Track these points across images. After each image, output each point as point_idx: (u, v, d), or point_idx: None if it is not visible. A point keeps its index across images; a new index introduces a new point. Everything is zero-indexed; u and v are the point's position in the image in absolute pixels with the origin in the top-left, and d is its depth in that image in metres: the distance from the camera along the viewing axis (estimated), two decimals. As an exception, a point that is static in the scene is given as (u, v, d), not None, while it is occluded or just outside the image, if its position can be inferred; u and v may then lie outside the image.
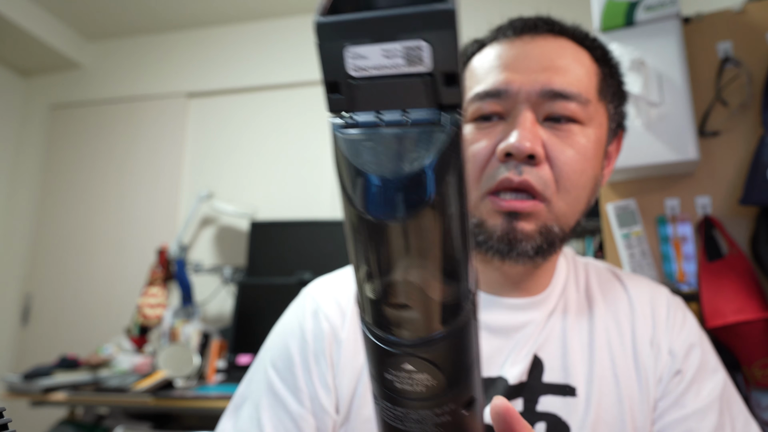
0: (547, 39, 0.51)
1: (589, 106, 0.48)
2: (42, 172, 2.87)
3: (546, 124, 0.48)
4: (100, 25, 2.86)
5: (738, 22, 0.96)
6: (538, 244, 0.47)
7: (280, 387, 0.50)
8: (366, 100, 0.17)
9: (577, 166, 0.47)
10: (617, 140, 0.57)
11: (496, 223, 0.47)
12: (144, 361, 1.93)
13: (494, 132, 0.48)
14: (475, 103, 0.49)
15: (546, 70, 0.48)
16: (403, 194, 0.16)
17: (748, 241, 0.91)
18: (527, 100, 0.47)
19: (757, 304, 0.83)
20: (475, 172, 0.48)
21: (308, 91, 2.69)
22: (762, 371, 0.84)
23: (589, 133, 0.48)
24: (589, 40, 0.53)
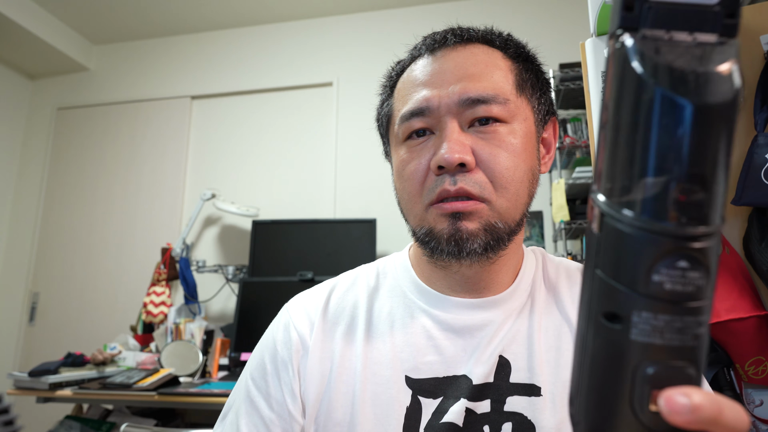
0: (458, 50, 0.53)
1: (509, 104, 0.51)
2: (48, 173, 2.90)
3: (472, 130, 0.50)
4: (106, 30, 2.89)
5: (731, 25, 0.97)
6: (484, 242, 0.49)
7: (255, 394, 0.54)
8: (656, 21, 0.20)
9: (508, 164, 0.49)
10: (551, 127, 0.59)
11: (443, 226, 0.50)
12: (148, 359, 1.95)
13: (426, 148, 0.51)
14: (404, 123, 0.53)
15: (461, 80, 0.50)
16: (719, 86, 0.19)
17: (740, 240, 0.92)
18: (449, 112, 0.50)
19: (750, 302, 0.85)
20: (416, 187, 0.51)
21: (310, 92, 2.72)
22: (754, 368, 0.86)
23: (515, 129, 0.51)
24: (500, 40, 0.55)
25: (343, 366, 0.52)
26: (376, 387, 0.51)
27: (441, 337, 0.52)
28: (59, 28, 2.79)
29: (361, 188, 2.53)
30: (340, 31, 2.74)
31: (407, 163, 0.52)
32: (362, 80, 2.65)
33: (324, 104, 2.68)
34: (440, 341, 0.52)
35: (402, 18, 2.69)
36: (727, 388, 0.87)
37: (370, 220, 2.29)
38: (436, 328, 0.53)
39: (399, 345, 0.53)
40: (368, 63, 2.67)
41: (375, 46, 2.68)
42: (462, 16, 2.53)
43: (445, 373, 0.51)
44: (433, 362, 0.51)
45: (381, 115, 0.60)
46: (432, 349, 0.52)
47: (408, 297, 0.56)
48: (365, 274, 0.61)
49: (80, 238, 2.75)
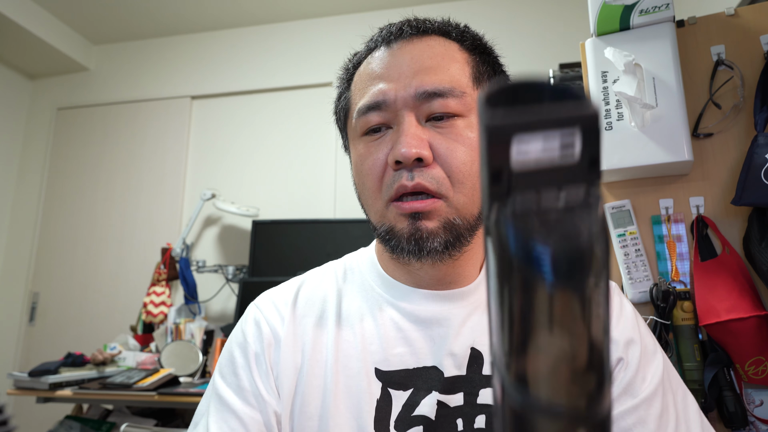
0: (413, 42, 0.52)
1: (465, 97, 0.50)
2: (48, 173, 2.90)
3: (429, 125, 0.50)
4: (105, 30, 2.89)
5: (731, 25, 0.97)
6: (444, 240, 0.49)
7: (225, 390, 0.52)
8: (525, 185, 0.20)
9: (465, 158, 0.49)
10: None
11: (403, 226, 0.49)
12: (148, 359, 1.95)
13: (384, 143, 0.51)
14: (361, 117, 0.52)
15: (417, 73, 0.50)
16: (575, 262, 0.19)
17: (740, 240, 0.93)
18: (405, 106, 0.49)
19: (750, 302, 0.85)
20: (375, 183, 0.51)
21: (309, 93, 2.72)
22: (754, 368, 0.86)
23: (472, 122, 0.50)
24: (457, 32, 0.54)
25: (315, 359, 0.52)
26: (346, 380, 0.51)
27: (410, 328, 0.52)
28: (59, 28, 2.79)
29: (361, 188, 2.53)
30: (340, 31, 2.74)
31: (365, 158, 0.52)
32: (362, 80, 2.65)
33: (324, 104, 2.68)
34: (409, 333, 0.52)
35: (401, 18, 2.69)
36: (727, 388, 0.87)
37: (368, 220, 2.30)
38: (404, 320, 0.53)
39: (368, 337, 0.53)
40: (368, 63, 2.66)
41: (375, 46, 2.68)
42: (462, 16, 2.52)
43: (415, 364, 0.51)
44: (402, 354, 0.51)
45: (338, 109, 0.59)
46: (401, 340, 0.52)
47: (375, 291, 0.56)
48: (333, 270, 0.60)
49: (80, 238, 2.75)
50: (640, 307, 0.96)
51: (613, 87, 0.95)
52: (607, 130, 0.95)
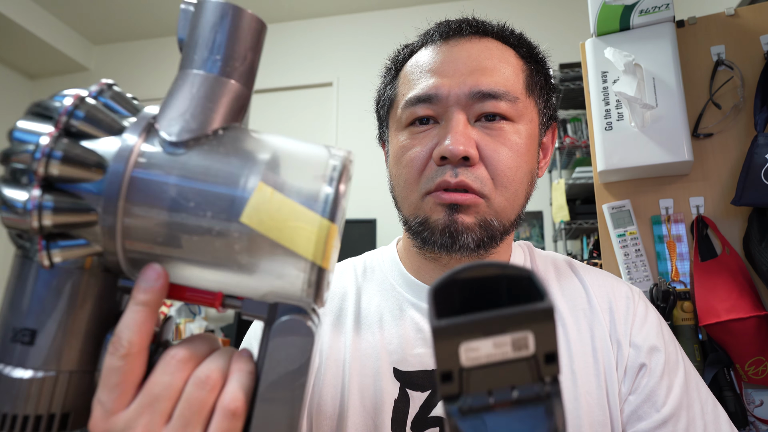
0: (472, 41, 0.52)
1: (518, 103, 0.50)
2: (48, 172, 2.90)
3: (478, 125, 0.49)
4: (106, 30, 2.89)
5: (731, 25, 0.97)
6: (478, 237, 0.48)
7: None
8: (477, 384, 0.20)
9: (511, 163, 0.49)
10: (551, 132, 0.58)
11: (439, 216, 0.48)
12: (148, 359, 1.95)
13: (429, 136, 0.50)
14: (408, 108, 0.51)
15: (473, 72, 0.49)
16: None
17: (740, 240, 0.93)
18: (457, 103, 0.49)
19: (750, 302, 0.85)
20: (414, 175, 0.50)
21: (309, 93, 2.72)
22: (754, 368, 0.86)
23: (520, 129, 0.50)
24: (514, 38, 0.54)
25: (332, 358, 0.52)
26: (364, 379, 0.50)
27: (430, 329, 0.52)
28: (59, 28, 2.79)
29: (361, 188, 2.53)
30: (340, 31, 2.74)
31: (407, 150, 0.51)
32: (362, 80, 2.65)
33: (324, 104, 2.68)
34: (429, 334, 0.51)
35: (402, 18, 2.69)
36: (727, 388, 0.87)
37: (370, 220, 2.29)
38: (426, 321, 0.52)
39: (387, 337, 0.52)
40: (368, 63, 2.66)
41: (375, 46, 2.68)
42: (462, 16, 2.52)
43: (434, 365, 0.50)
44: (422, 354, 0.51)
45: (383, 98, 0.58)
46: (421, 341, 0.51)
47: (396, 290, 0.55)
48: (352, 267, 0.60)
49: (80, 238, 2.75)
50: (640, 307, 0.96)
51: (613, 87, 0.95)
52: (607, 130, 0.95)
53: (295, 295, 0.26)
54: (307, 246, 0.24)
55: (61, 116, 0.24)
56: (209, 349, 0.28)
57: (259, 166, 0.25)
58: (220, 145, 0.26)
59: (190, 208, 0.24)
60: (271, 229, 0.24)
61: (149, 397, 0.25)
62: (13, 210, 0.23)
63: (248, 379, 0.26)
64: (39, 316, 0.24)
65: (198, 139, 0.25)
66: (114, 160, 0.24)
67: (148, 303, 0.25)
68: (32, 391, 0.24)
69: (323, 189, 0.25)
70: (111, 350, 0.25)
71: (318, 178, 0.25)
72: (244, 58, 0.27)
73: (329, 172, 0.25)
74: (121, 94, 0.27)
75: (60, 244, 0.24)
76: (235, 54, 0.27)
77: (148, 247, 0.25)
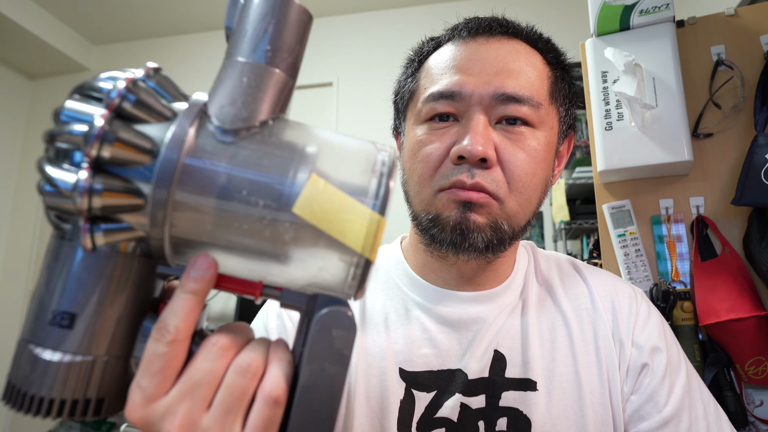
0: (501, 41, 0.51)
1: (540, 109, 0.50)
2: (48, 172, 2.90)
3: (498, 127, 0.49)
4: (106, 30, 2.89)
5: (731, 25, 0.97)
6: (488, 238, 0.48)
7: None
8: None
9: (528, 168, 0.48)
10: (568, 141, 0.58)
11: (451, 213, 0.48)
12: (148, 359, 1.95)
13: (448, 133, 0.49)
14: (429, 103, 0.50)
15: (499, 73, 0.49)
16: None
17: (740, 240, 0.93)
18: (480, 103, 0.48)
19: (750, 302, 0.85)
20: (429, 171, 0.49)
21: (310, 92, 2.72)
22: (754, 368, 0.86)
23: (540, 136, 0.50)
24: (542, 42, 0.54)
25: None
26: (370, 379, 0.50)
27: (436, 330, 0.52)
28: (59, 28, 2.79)
29: (361, 188, 2.53)
30: (340, 31, 2.74)
31: (424, 145, 0.50)
32: (362, 80, 2.65)
33: (324, 104, 2.68)
34: (435, 334, 0.51)
35: (402, 18, 2.69)
36: (727, 388, 0.87)
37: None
38: (431, 321, 0.52)
39: (393, 337, 0.52)
40: (368, 63, 2.66)
41: (375, 46, 2.68)
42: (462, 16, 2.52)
43: (439, 366, 0.50)
44: (427, 355, 0.51)
45: (403, 89, 0.57)
46: (427, 341, 0.51)
47: (402, 290, 0.55)
48: None
49: (80, 238, 2.75)
50: (640, 307, 0.97)
51: (613, 87, 0.95)
52: (607, 130, 0.95)
53: (338, 287, 0.26)
54: (357, 239, 0.24)
55: (114, 99, 0.24)
56: (247, 337, 0.28)
57: (311, 158, 0.25)
58: (271, 135, 0.26)
59: (242, 196, 0.24)
60: (323, 221, 0.24)
61: (190, 384, 0.25)
62: (59, 191, 0.23)
63: (288, 368, 0.26)
64: (79, 299, 0.24)
65: (249, 129, 0.26)
66: (167, 147, 0.24)
67: (197, 292, 0.26)
68: (69, 376, 0.24)
69: (373, 183, 0.25)
70: (156, 336, 0.25)
71: (367, 172, 0.25)
72: (291, 49, 0.27)
73: (378, 167, 0.26)
74: (167, 79, 0.27)
75: (102, 227, 0.24)
76: (284, 44, 0.27)
77: (195, 234, 0.25)
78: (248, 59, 0.26)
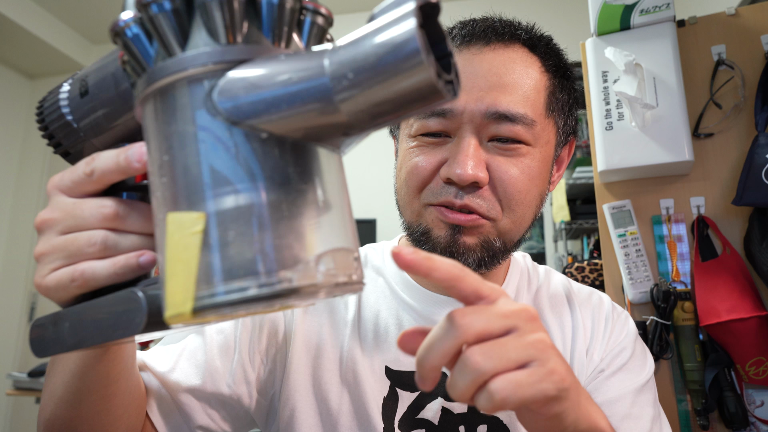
0: (496, 50, 0.49)
1: (535, 126, 0.48)
2: (48, 173, 2.90)
3: (491, 145, 0.48)
4: (105, 30, 2.88)
5: (731, 25, 0.97)
6: (479, 257, 0.48)
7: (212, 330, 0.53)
8: None
9: (521, 186, 0.48)
10: (569, 146, 0.57)
11: (441, 233, 0.48)
12: (148, 359, 1.95)
13: (438, 150, 0.48)
14: (420, 120, 0.49)
15: (492, 89, 0.47)
16: None
17: (741, 240, 0.92)
18: (471, 121, 0.47)
19: (750, 302, 0.85)
20: (417, 185, 0.49)
21: (311, 92, 2.72)
22: (755, 369, 0.86)
23: (534, 153, 0.49)
24: (542, 46, 0.52)
25: (329, 348, 0.52)
26: (357, 375, 0.51)
27: None
28: (59, 28, 2.79)
29: (361, 188, 2.53)
30: (340, 31, 2.74)
31: (413, 157, 0.49)
32: (362, 80, 2.65)
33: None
34: None
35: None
36: (727, 388, 0.87)
37: (370, 220, 2.29)
38: (423, 324, 0.52)
39: (382, 335, 0.52)
40: (368, 63, 2.66)
41: (375, 46, 2.68)
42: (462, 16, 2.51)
43: None
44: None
45: None
46: None
47: (395, 290, 0.55)
48: None
49: (80, 238, 2.75)
50: (640, 307, 0.96)
51: (613, 87, 0.95)
52: (608, 130, 0.95)
53: None
54: (171, 303, 0.25)
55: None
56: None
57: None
58: None
59: (162, 161, 0.25)
60: (172, 256, 0.24)
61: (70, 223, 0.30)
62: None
63: None
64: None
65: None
66: (175, 62, 0.24)
67: (120, 166, 0.28)
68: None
69: (252, 291, 0.23)
70: (88, 160, 0.29)
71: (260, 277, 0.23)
72: None
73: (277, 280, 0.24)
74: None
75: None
76: None
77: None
78: None
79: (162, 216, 0.23)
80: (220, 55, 0.22)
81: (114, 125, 0.31)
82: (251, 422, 0.54)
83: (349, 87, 0.20)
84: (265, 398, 0.52)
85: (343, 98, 0.21)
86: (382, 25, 0.20)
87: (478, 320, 0.28)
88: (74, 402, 0.38)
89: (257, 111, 0.22)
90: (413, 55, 0.19)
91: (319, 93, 0.21)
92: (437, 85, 0.20)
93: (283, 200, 0.22)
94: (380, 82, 0.20)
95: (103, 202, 0.29)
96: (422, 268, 0.28)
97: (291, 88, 0.21)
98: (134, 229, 0.29)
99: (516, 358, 0.27)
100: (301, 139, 0.23)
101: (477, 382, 0.27)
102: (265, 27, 0.24)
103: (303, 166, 0.23)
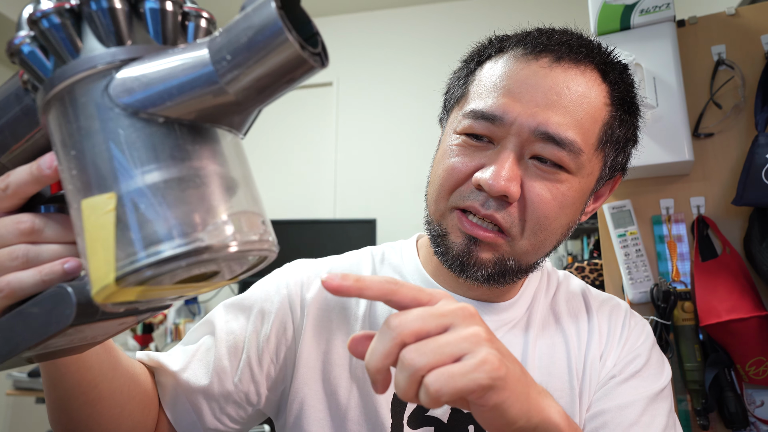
0: (565, 69, 0.47)
1: (581, 156, 0.46)
2: (47, 172, 2.90)
3: (531, 163, 0.46)
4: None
5: (731, 25, 0.97)
6: (489, 273, 0.47)
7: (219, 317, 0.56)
8: None
9: (550, 212, 0.46)
10: (612, 182, 0.55)
11: (456, 241, 0.47)
12: (148, 359, 1.95)
13: (478, 154, 0.47)
14: (468, 119, 0.48)
15: (548, 108, 0.45)
16: None
17: (741, 240, 0.92)
18: (518, 134, 0.45)
19: (750, 302, 0.85)
20: (449, 185, 0.48)
21: (309, 92, 2.72)
22: (755, 369, 0.86)
23: (573, 182, 0.47)
24: (615, 74, 0.49)
25: (340, 345, 0.52)
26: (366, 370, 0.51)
27: None
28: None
29: (361, 188, 2.53)
30: (340, 31, 2.74)
31: (452, 156, 0.48)
32: (362, 80, 2.65)
33: (324, 104, 2.68)
34: None
35: (402, 18, 2.69)
36: (728, 388, 0.87)
37: (370, 220, 2.29)
38: None
39: None
40: (368, 63, 2.66)
41: (375, 46, 2.68)
42: (462, 15, 2.53)
43: None
44: None
45: (453, 89, 0.54)
46: None
47: None
48: (370, 256, 0.59)
49: (80, 238, 2.75)
50: (640, 307, 0.96)
51: (613, 87, 0.95)
52: (608, 130, 0.95)
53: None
54: (95, 280, 0.26)
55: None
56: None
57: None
58: None
59: (70, 155, 0.26)
60: (91, 236, 0.25)
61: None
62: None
63: None
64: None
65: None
66: (73, 66, 0.26)
67: (35, 177, 0.29)
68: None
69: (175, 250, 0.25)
70: (3, 178, 0.30)
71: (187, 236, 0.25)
72: None
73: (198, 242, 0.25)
74: None
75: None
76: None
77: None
78: None
79: (77, 205, 0.24)
80: (111, 56, 0.25)
81: (22, 144, 0.31)
82: (261, 417, 0.55)
83: (229, 68, 0.23)
84: (275, 394, 0.53)
85: (228, 79, 0.23)
86: (249, 12, 0.23)
87: (414, 320, 0.29)
88: (63, 407, 0.42)
89: (152, 100, 0.24)
90: (278, 32, 0.22)
91: (205, 76, 0.24)
92: (303, 56, 0.23)
93: (186, 174, 0.24)
94: (256, 60, 0.23)
95: (19, 218, 0.29)
96: (352, 290, 0.30)
97: (180, 77, 0.24)
98: (54, 240, 0.30)
99: (450, 353, 0.29)
100: (196, 120, 0.25)
101: (414, 378, 0.28)
102: (151, 31, 0.27)
103: (202, 143, 0.25)
